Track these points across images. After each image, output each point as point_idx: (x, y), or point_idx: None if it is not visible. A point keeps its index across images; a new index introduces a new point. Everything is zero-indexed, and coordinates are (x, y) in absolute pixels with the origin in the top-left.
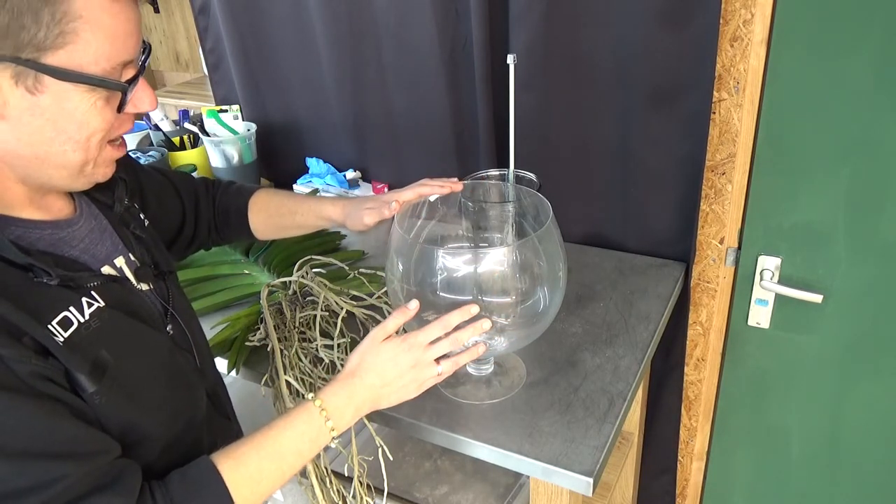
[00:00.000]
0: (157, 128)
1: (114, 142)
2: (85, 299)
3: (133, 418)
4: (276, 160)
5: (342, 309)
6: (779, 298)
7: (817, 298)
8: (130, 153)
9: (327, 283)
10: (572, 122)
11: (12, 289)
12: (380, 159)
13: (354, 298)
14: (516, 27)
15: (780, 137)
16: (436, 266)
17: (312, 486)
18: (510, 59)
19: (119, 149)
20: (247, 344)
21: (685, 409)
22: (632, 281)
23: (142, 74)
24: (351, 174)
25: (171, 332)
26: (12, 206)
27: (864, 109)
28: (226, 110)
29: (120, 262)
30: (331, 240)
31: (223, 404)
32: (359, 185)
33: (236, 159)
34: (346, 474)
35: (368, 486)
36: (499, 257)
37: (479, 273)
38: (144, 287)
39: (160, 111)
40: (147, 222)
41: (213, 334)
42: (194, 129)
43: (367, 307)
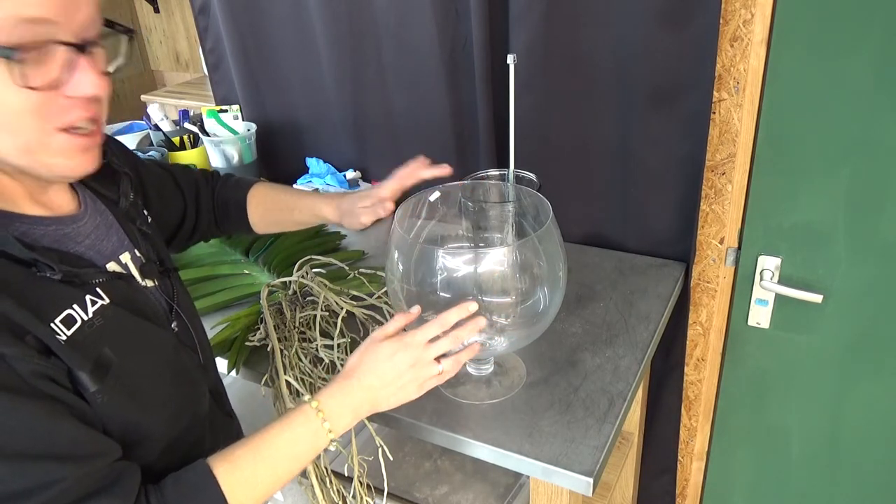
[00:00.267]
0: (157, 128)
1: (75, 130)
2: (89, 297)
3: (136, 417)
4: (276, 160)
5: (342, 309)
6: (779, 298)
7: (817, 298)
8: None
9: (327, 283)
10: (572, 122)
11: (15, 286)
12: (380, 159)
13: (354, 298)
14: (516, 27)
15: (780, 137)
16: (436, 266)
17: (312, 486)
18: (510, 59)
19: (83, 138)
20: (247, 344)
21: (685, 409)
22: (632, 281)
23: (85, 54)
24: (351, 174)
25: (175, 329)
26: (14, 203)
27: (864, 109)
28: (226, 110)
29: (125, 258)
30: (331, 240)
31: (225, 402)
32: (359, 185)
33: (236, 159)
34: (346, 474)
35: (368, 486)
36: (499, 257)
37: (479, 273)
38: (150, 284)
39: (160, 111)
40: (150, 218)
41: (213, 334)
42: (194, 129)
43: (367, 307)
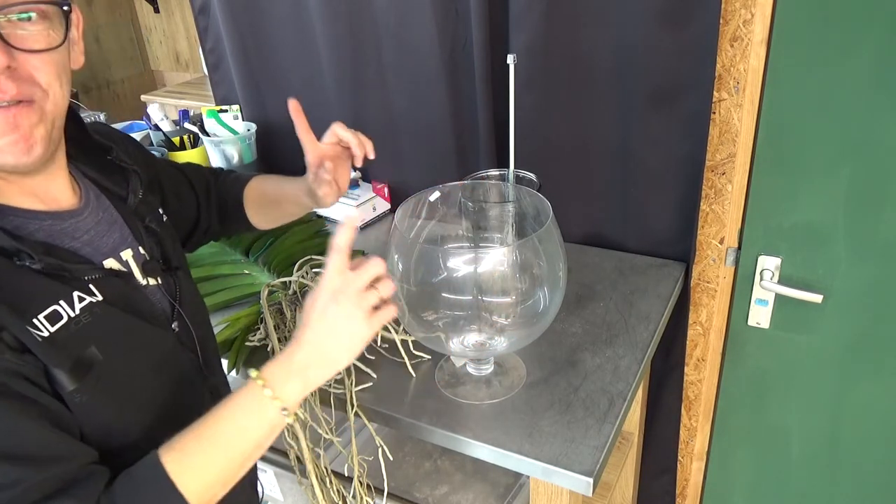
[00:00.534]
0: (157, 128)
1: None
2: (77, 293)
3: (118, 417)
4: (276, 160)
5: None
6: (779, 298)
7: (817, 298)
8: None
9: None
10: (572, 122)
11: None
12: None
13: None
14: (516, 27)
15: (780, 137)
16: (436, 266)
17: (312, 486)
18: (510, 59)
19: (4, 111)
20: (247, 344)
21: (685, 409)
22: (632, 281)
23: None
24: (351, 174)
25: (176, 329)
26: (9, 196)
27: (864, 109)
28: (226, 110)
29: (127, 254)
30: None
31: None
32: (359, 185)
33: (236, 159)
34: (346, 474)
35: (368, 486)
36: (499, 257)
37: (479, 273)
38: (152, 282)
39: (160, 111)
40: (165, 217)
41: None
42: (194, 129)
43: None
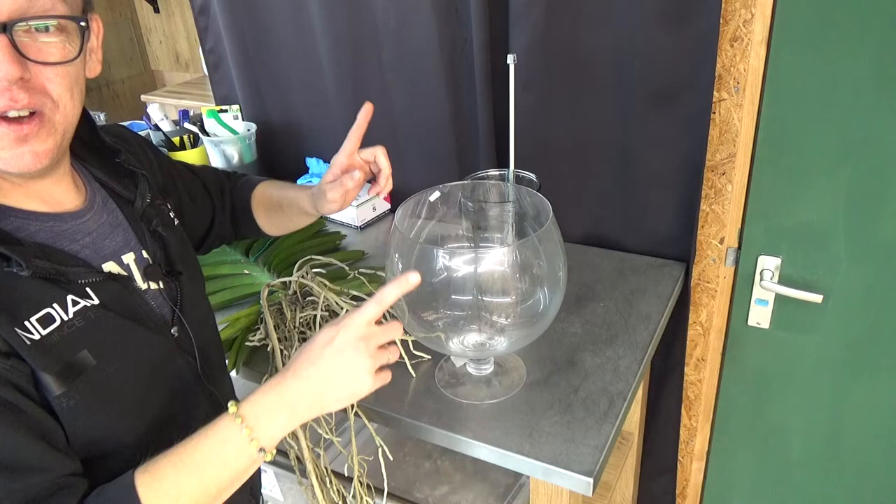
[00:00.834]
0: (157, 128)
1: (3, 119)
2: (71, 297)
3: (108, 422)
4: (276, 160)
5: (342, 309)
6: (779, 298)
7: (817, 298)
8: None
9: (327, 283)
10: (572, 122)
11: None
12: None
13: (354, 298)
14: (516, 27)
15: (780, 137)
16: (436, 266)
17: (312, 486)
18: (510, 59)
19: (11, 127)
20: (247, 344)
21: (685, 409)
22: (632, 281)
23: (6, 32)
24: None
25: (175, 334)
26: (12, 197)
27: (864, 109)
28: (226, 110)
29: (129, 258)
30: (331, 240)
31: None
32: None
33: (236, 159)
34: (346, 474)
35: (368, 486)
36: (499, 257)
37: (479, 273)
38: (153, 286)
39: (160, 111)
40: (176, 221)
41: None
42: (194, 129)
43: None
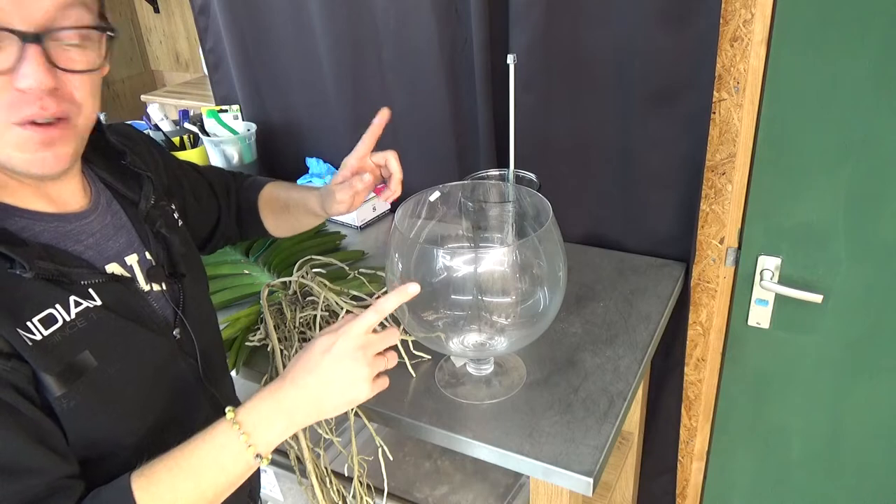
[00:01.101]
0: (157, 128)
1: (32, 124)
2: (73, 298)
3: (108, 424)
4: (276, 160)
5: (342, 309)
6: (779, 298)
7: (817, 298)
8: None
9: (327, 283)
10: (572, 122)
11: None
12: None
13: (354, 298)
14: (516, 27)
15: (780, 137)
16: (436, 266)
17: (312, 486)
18: (510, 59)
19: (40, 131)
20: (247, 344)
21: (685, 409)
22: (632, 281)
23: (41, 42)
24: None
25: (177, 336)
26: (16, 196)
27: (864, 109)
28: (226, 110)
29: (132, 259)
30: (331, 240)
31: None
32: None
33: (236, 159)
34: (346, 474)
35: (368, 486)
36: (499, 257)
37: (479, 273)
38: (156, 288)
39: (160, 111)
40: (180, 222)
41: None
42: (194, 129)
43: (367, 307)
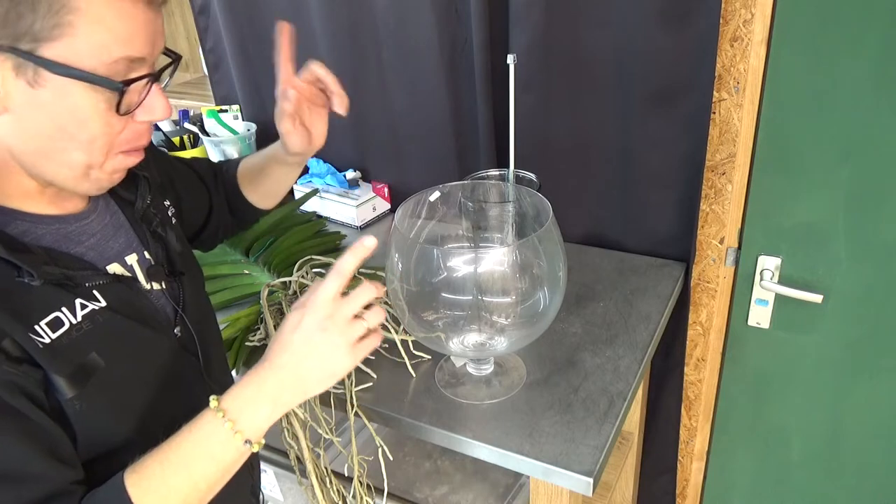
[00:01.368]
0: (157, 128)
1: (130, 151)
2: (79, 300)
3: (116, 423)
4: None
5: None
6: (779, 298)
7: (817, 298)
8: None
9: None
10: (572, 122)
11: None
12: (380, 159)
13: None
14: (516, 27)
15: (780, 137)
16: (436, 266)
17: (312, 486)
18: (510, 59)
19: (133, 156)
20: (247, 344)
21: (685, 409)
22: (632, 281)
23: (157, 81)
24: (351, 174)
25: (178, 333)
26: (22, 200)
27: (864, 109)
28: (226, 110)
29: (132, 259)
30: (331, 240)
31: None
32: (359, 185)
33: None
34: (346, 474)
35: (368, 486)
36: (499, 257)
37: (479, 273)
38: (156, 287)
39: None
40: (174, 219)
41: None
42: (194, 129)
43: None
